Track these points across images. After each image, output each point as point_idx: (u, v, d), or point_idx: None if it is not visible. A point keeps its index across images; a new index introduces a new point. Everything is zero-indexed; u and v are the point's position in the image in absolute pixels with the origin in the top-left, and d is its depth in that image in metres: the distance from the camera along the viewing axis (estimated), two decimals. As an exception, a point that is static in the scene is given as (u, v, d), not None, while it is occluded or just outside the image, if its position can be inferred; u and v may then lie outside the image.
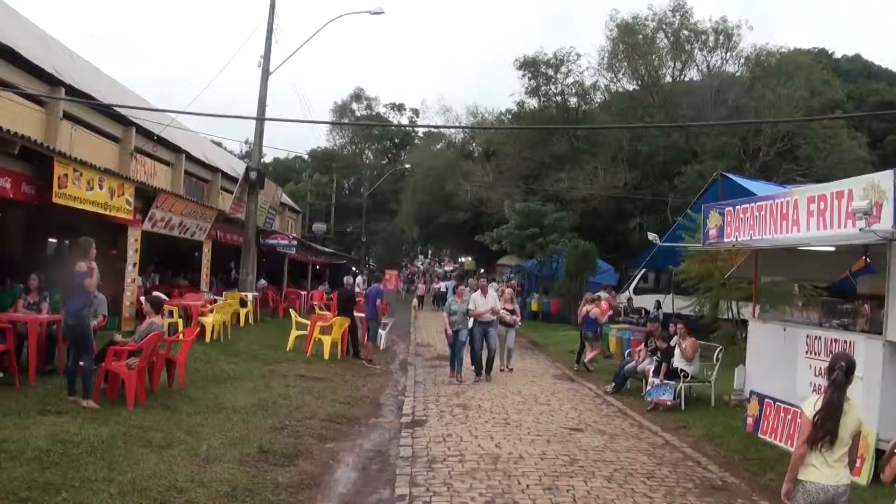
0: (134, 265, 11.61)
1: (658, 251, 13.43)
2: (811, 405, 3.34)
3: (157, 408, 6.58)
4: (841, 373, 3.31)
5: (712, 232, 7.92)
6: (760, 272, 8.38)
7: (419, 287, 29.11)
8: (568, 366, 12.57)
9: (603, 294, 14.54)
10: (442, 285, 29.10)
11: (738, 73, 25.33)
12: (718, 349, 9.00)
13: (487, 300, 10.31)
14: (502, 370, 11.05)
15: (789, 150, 22.95)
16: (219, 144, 37.42)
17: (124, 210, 10.69)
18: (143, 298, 9.94)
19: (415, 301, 26.81)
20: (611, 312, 12.86)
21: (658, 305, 15.83)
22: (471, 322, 10.26)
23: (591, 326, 11.79)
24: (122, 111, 15.24)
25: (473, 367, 10.21)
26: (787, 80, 22.80)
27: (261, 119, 16.03)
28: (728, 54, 25.38)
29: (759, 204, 7.00)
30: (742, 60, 25.38)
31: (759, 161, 22.32)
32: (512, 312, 10.99)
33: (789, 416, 6.58)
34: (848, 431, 3.27)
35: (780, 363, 6.91)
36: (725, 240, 7.66)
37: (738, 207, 7.42)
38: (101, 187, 9.82)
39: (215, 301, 13.35)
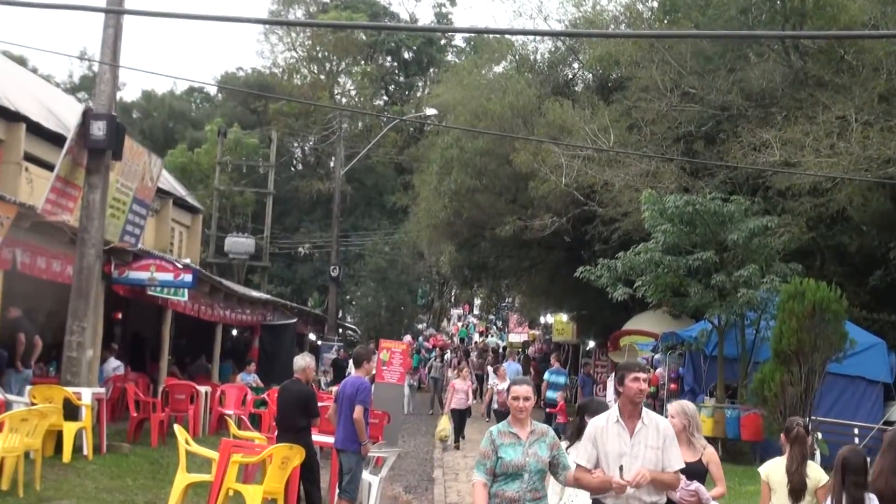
0: None
1: None
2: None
3: None
4: (800, 429, 8.43)
5: None
6: None
7: (454, 391, 25.00)
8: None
9: None
10: (497, 382, 26.07)
11: None
12: None
13: (639, 447, 7.83)
14: None
15: None
16: (22, 63, 38.15)
17: None
18: None
19: (443, 425, 24.05)
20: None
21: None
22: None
23: None
24: None
25: None
26: None
27: (117, 10, 16.16)
28: None
29: None
30: None
31: None
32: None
33: None
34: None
35: None
36: None
37: None
38: None
39: (8, 406, 13.40)
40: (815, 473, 8.15)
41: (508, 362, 29.01)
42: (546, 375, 25.72)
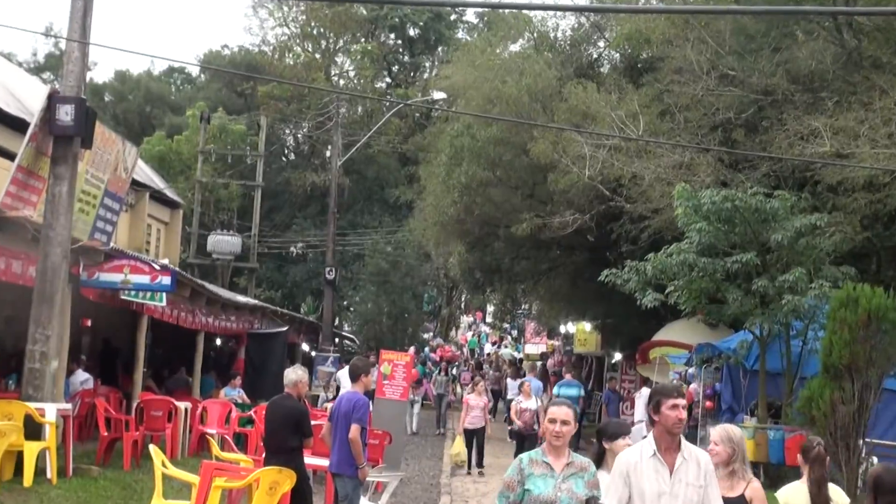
0: None
1: None
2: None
3: None
4: (821, 448, 8.85)
5: None
6: None
7: (468, 407, 24.78)
8: None
9: None
10: (521, 399, 26.04)
11: None
12: None
13: (679, 485, 7.49)
14: None
15: None
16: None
17: None
18: None
19: (457, 448, 24.34)
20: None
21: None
22: None
23: None
24: None
25: None
26: None
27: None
28: None
29: None
30: None
31: None
32: None
33: None
34: None
35: None
36: None
37: None
38: None
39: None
40: (838, 496, 8.67)
41: (530, 378, 28.78)
42: (555, 389, 25.52)
